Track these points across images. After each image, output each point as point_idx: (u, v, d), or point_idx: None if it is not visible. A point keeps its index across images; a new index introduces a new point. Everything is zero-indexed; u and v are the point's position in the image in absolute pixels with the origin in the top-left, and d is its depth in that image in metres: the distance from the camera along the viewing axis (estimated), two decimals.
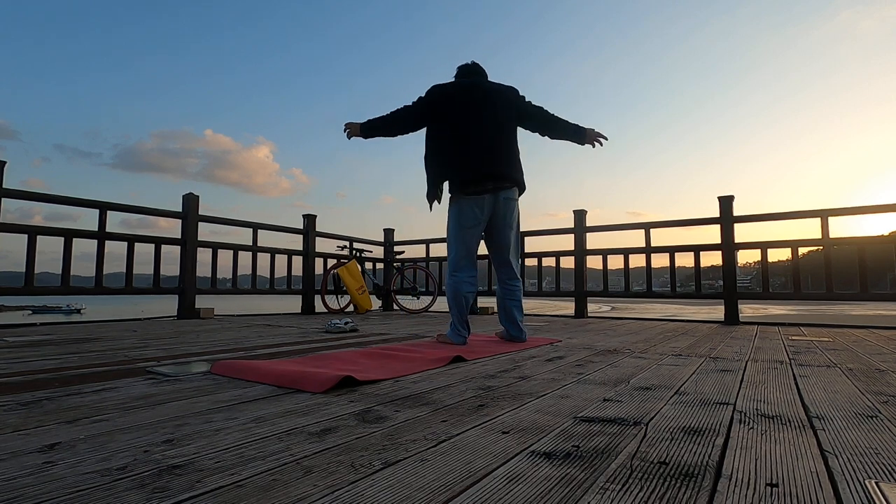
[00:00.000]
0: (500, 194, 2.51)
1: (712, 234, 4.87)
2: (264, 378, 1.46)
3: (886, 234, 4.19)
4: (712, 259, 4.93)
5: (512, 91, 2.64)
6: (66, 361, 1.84)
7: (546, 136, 2.72)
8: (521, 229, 2.83)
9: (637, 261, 5.41)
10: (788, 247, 4.54)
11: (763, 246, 4.62)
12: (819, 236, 4.36)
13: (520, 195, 2.64)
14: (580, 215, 5.66)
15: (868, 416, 1.09)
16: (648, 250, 5.19)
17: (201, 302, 4.83)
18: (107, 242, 4.23)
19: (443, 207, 2.65)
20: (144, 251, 4.67)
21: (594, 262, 5.66)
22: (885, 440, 0.92)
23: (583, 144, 2.70)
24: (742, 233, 4.75)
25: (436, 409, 1.14)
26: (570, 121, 2.70)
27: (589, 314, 5.58)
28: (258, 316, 5.02)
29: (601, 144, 2.72)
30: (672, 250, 5.09)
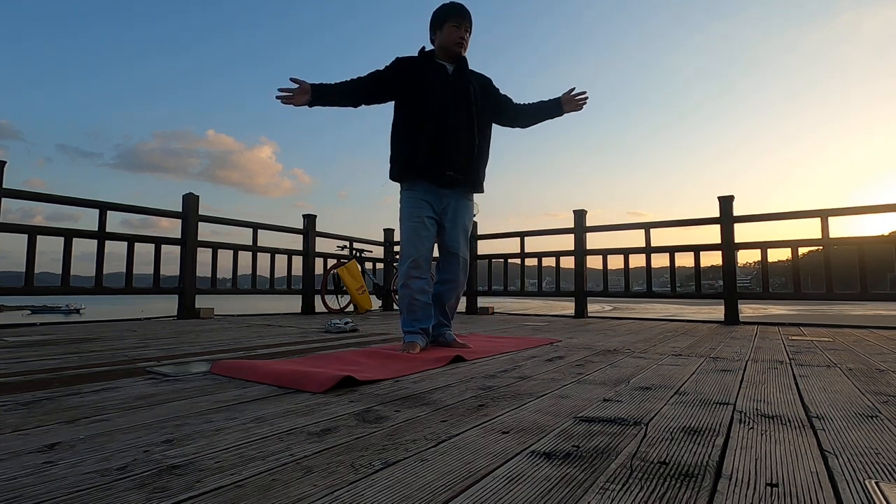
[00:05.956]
0: None
1: (712, 234, 4.87)
2: (264, 378, 1.45)
3: (886, 234, 4.18)
4: (712, 259, 4.93)
5: None
6: (66, 361, 1.84)
7: None
8: (521, 229, 2.83)
9: (637, 261, 5.41)
10: (788, 247, 4.54)
11: (763, 246, 4.62)
12: (819, 236, 4.36)
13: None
14: (580, 215, 5.66)
15: (868, 416, 1.09)
16: (648, 250, 5.19)
17: (201, 302, 4.83)
18: (107, 242, 4.23)
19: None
20: (144, 251, 4.67)
21: (594, 262, 5.67)
22: (885, 440, 0.92)
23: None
24: (742, 233, 4.75)
25: (436, 409, 1.14)
26: None
27: (589, 314, 5.58)
28: (258, 316, 5.02)
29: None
30: (672, 250, 5.09)
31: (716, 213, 4.84)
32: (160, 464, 0.75)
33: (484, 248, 6.53)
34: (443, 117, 2.24)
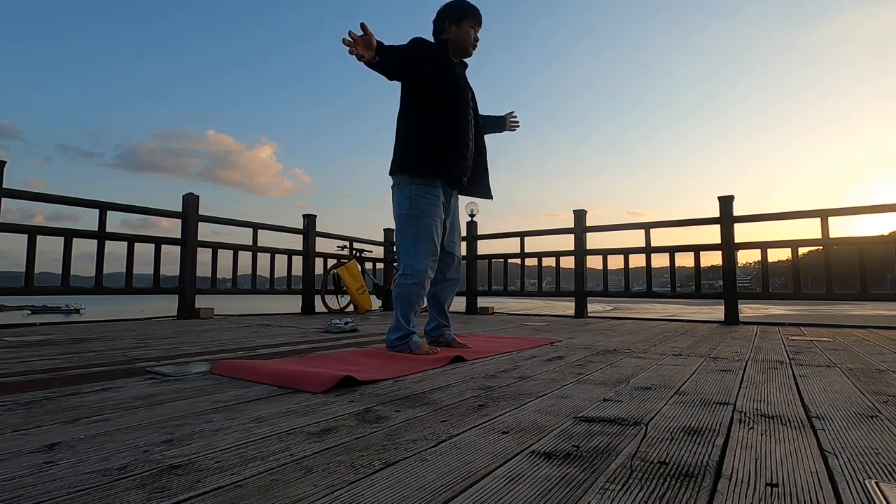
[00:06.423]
0: None
1: (712, 234, 4.87)
2: (264, 378, 1.45)
3: (886, 234, 4.18)
4: (712, 259, 4.93)
5: None
6: (66, 361, 1.84)
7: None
8: (521, 229, 2.79)
9: (637, 261, 5.41)
10: (788, 247, 4.54)
11: (763, 246, 4.62)
12: (819, 236, 4.36)
13: (399, 175, 2.23)
14: (580, 215, 5.66)
15: (868, 416, 1.09)
16: (648, 250, 5.19)
17: (201, 302, 4.83)
18: (107, 242, 4.23)
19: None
20: (144, 251, 4.67)
21: (594, 262, 5.67)
22: (885, 440, 0.92)
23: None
24: (742, 233, 4.75)
25: (436, 409, 1.14)
26: None
27: (589, 314, 5.58)
28: (258, 316, 5.02)
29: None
30: (672, 250, 5.09)
31: (716, 213, 4.84)
32: (160, 464, 0.75)
33: (484, 248, 6.54)
34: (461, 116, 2.23)
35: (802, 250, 4.55)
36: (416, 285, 2.15)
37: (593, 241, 5.64)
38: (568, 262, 5.80)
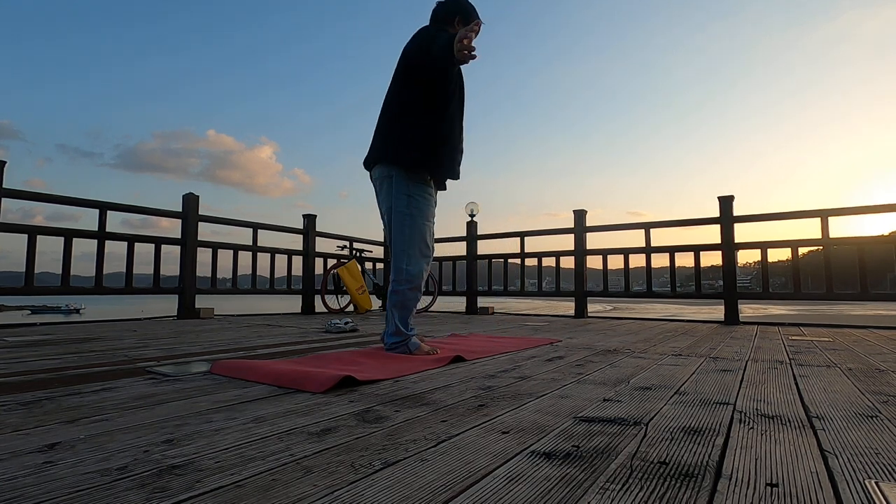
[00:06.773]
0: (371, 174, 2.28)
1: (712, 234, 4.87)
2: (264, 378, 1.46)
3: (886, 234, 4.18)
4: (712, 259, 4.93)
5: (407, 45, 2.15)
6: (66, 361, 1.84)
7: None
8: (521, 229, 2.66)
9: (637, 261, 5.41)
10: (788, 247, 4.54)
11: (763, 246, 4.62)
12: (819, 236, 4.36)
13: (394, 167, 2.14)
14: (580, 215, 5.66)
15: (868, 416, 1.09)
16: (648, 250, 5.19)
17: (201, 302, 4.83)
18: (107, 242, 4.23)
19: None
20: (144, 251, 4.67)
21: (594, 262, 5.67)
22: (885, 440, 0.92)
23: None
24: (742, 233, 4.75)
25: (436, 409, 1.14)
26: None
27: (589, 314, 5.58)
28: (258, 316, 5.02)
29: None
30: (672, 250, 5.09)
31: (716, 213, 4.84)
32: (160, 464, 0.75)
33: (484, 248, 6.54)
34: (461, 119, 2.22)
35: (802, 250, 4.55)
36: (412, 290, 2.13)
37: (593, 241, 5.65)
38: (568, 262, 5.80)
